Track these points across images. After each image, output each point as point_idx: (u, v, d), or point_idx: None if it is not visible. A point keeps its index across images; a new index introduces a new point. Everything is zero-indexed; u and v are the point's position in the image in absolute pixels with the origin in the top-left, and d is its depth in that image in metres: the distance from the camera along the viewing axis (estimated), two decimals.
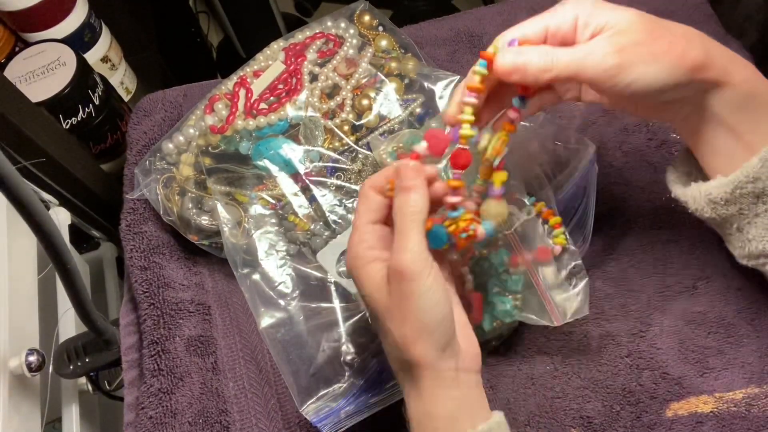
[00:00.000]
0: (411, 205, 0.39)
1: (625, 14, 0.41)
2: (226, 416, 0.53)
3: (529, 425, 0.52)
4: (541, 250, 0.53)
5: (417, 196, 0.40)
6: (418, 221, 0.39)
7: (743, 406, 0.50)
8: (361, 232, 0.42)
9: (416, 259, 0.38)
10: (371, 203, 0.42)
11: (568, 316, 0.51)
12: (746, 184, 0.42)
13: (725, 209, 0.44)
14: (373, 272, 0.40)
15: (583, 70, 0.40)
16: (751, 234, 0.45)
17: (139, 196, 0.61)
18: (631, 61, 0.39)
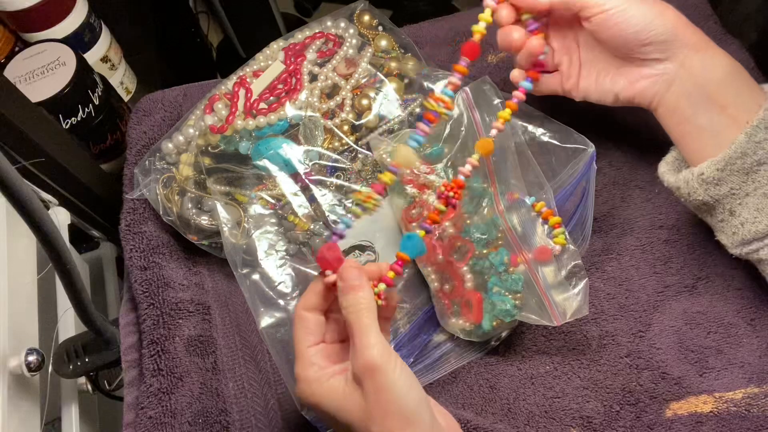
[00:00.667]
0: (362, 303, 0.40)
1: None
2: (226, 416, 0.53)
3: (529, 425, 0.52)
4: (541, 250, 0.53)
5: (365, 293, 0.41)
6: (372, 316, 0.40)
7: (743, 406, 0.50)
8: (306, 356, 0.42)
9: (382, 351, 0.38)
10: (309, 325, 0.43)
11: (568, 316, 0.51)
12: (735, 160, 0.44)
13: (717, 189, 0.46)
14: (335, 386, 0.40)
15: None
16: (743, 216, 0.46)
17: (139, 196, 0.61)
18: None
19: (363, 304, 0.40)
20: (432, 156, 0.58)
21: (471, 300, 0.53)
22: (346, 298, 0.41)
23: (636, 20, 0.45)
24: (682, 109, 0.47)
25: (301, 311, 0.43)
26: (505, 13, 0.50)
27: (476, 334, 0.54)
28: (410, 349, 0.55)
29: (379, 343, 0.39)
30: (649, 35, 0.46)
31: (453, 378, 0.55)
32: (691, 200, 0.48)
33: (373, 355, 0.38)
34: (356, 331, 0.40)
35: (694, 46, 0.46)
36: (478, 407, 0.53)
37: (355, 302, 0.40)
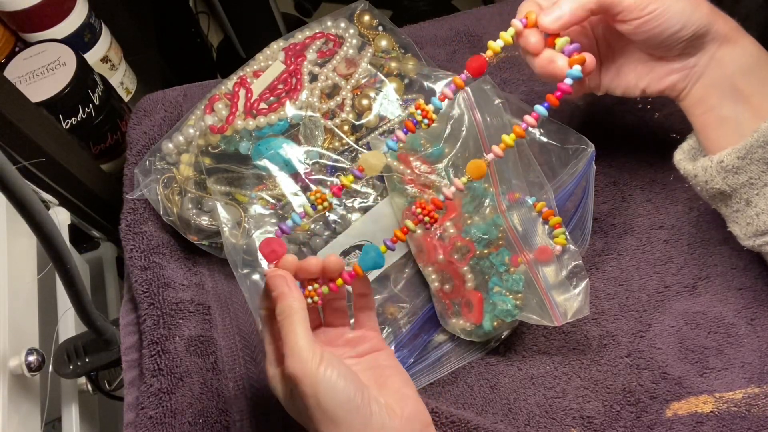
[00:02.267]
0: (285, 310, 0.40)
1: None
2: (226, 416, 0.53)
3: (529, 425, 0.52)
4: (542, 251, 0.53)
5: (289, 301, 0.41)
6: (296, 320, 0.40)
7: (743, 406, 0.50)
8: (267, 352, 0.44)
9: (300, 357, 0.38)
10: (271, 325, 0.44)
11: (569, 317, 0.51)
12: (757, 149, 0.43)
13: (736, 178, 0.45)
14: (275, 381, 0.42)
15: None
16: (760, 206, 0.45)
17: (139, 196, 0.61)
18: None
19: (289, 310, 0.40)
20: (432, 156, 0.58)
21: (472, 300, 0.53)
22: (277, 306, 0.41)
23: (676, 19, 0.44)
24: (708, 100, 0.47)
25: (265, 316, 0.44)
26: (535, 41, 0.46)
27: (477, 334, 0.54)
28: (411, 349, 0.55)
29: (297, 347, 0.39)
30: (688, 32, 0.44)
31: (453, 378, 0.55)
32: (708, 188, 0.47)
33: (290, 363, 0.39)
34: (284, 338, 0.40)
35: (725, 36, 0.45)
36: (478, 407, 0.53)
37: (282, 310, 0.41)
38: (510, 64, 0.70)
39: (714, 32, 0.45)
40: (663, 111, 0.64)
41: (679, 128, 0.63)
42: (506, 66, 0.70)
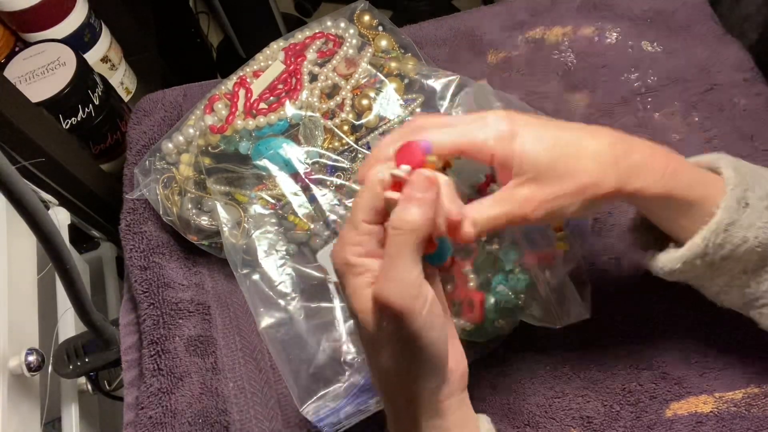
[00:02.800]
0: (408, 221, 0.32)
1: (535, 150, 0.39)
2: (226, 416, 0.53)
3: (529, 425, 0.52)
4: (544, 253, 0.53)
5: (419, 212, 0.33)
6: (411, 243, 0.33)
7: (743, 406, 0.50)
8: (358, 230, 0.35)
9: (406, 291, 0.32)
10: (376, 199, 0.35)
11: (570, 319, 0.51)
12: (695, 259, 0.42)
13: (683, 275, 0.44)
14: (360, 288, 0.34)
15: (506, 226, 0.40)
16: (714, 290, 0.45)
17: (139, 196, 0.61)
18: (547, 211, 0.39)
19: (409, 223, 0.32)
20: None
21: (473, 300, 0.53)
22: (398, 210, 0.33)
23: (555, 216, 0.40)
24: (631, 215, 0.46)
25: (376, 182, 0.35)
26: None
27: (477, 335, 0.53)
28: None
29: (404, 279, 0.32)
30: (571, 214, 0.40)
31: None
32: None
33: (393, 293, 0.32)
34: (388, 252, 0.33)
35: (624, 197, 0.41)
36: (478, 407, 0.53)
37: (402, 218, 0.33)
38: (510, 64, 0.70)
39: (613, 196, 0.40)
40: (663, 111, 0.64)
41: (679, 128, 0.63)
42: (506, 66, 0.70)
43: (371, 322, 0.34)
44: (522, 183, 0.39)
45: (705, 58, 0.66)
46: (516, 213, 0.39)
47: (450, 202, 0.36)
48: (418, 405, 0.36)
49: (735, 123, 0.62)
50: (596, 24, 0.70)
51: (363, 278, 0.34)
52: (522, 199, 0.39)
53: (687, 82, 0.65)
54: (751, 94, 0.64)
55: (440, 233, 0.35)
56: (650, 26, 0.69)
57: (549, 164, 0.38)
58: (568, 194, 0.39)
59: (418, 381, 0.35)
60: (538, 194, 0.39)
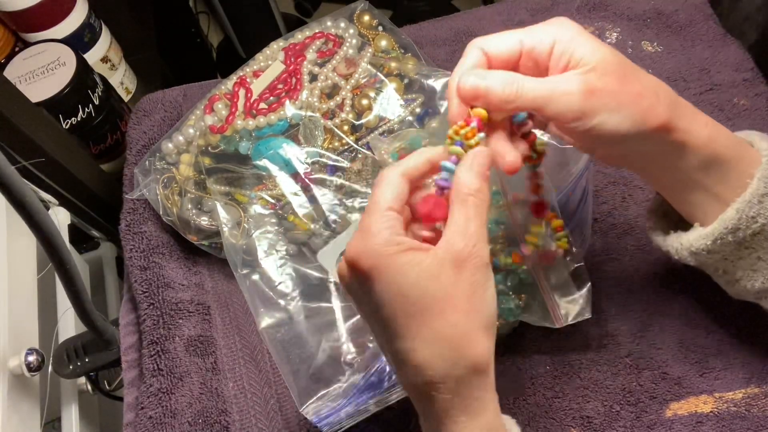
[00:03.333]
0: (481, 191, 0.36)
1: (601, 51, 0.38)
2: (226, 416, 0.53)
3: (529, 425, 0.52)
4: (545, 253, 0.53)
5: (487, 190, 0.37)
6: (484, 210, 0.36)
7: (743, 406, 0.50)
8: (386, 217, 0.36)
9: (479, 250, 0.35)
10: (398, 189, 0.37)
11: (570, 319, 0.50)
12: (726, 235, 0.41)
13: (708, 257, 0.43)
14: (416, 260, 0.35)
15: (548, 106, 0.38)
16: (738, 275, 0.44)
17: (139, 196, 0.61)
18: (596, 106, 0.38)
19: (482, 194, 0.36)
20: None
21: None
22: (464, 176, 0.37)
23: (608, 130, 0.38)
24: (662, 185, 0.44)
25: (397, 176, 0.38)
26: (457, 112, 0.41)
27: None
28: None
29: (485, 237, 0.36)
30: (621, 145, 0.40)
31: None
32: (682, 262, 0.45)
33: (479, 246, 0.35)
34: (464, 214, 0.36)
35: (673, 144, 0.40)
36: None
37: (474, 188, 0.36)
38: None
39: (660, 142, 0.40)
40: None
41: None
42: None
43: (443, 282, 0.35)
44: (582, 72, 0.38)
45: (705, 58, 0.66)
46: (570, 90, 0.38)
47: None
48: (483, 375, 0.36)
49: (735, 123, 0.62)
50: (596, 24, 0.70)
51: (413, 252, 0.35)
52: (580, 80, 0.38)
53: (687, 82, 0.65)
54: (751, 94, 0.64)
55: None
56: (650, 26, 0.69)
57: (613, 62, 0.38)
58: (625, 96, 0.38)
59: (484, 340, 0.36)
60: (595, 82, 0.38)
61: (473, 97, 0.39)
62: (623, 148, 0.41)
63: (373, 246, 0.35)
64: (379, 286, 0.35)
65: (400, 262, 0.35)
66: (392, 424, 0.52)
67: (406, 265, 0.35)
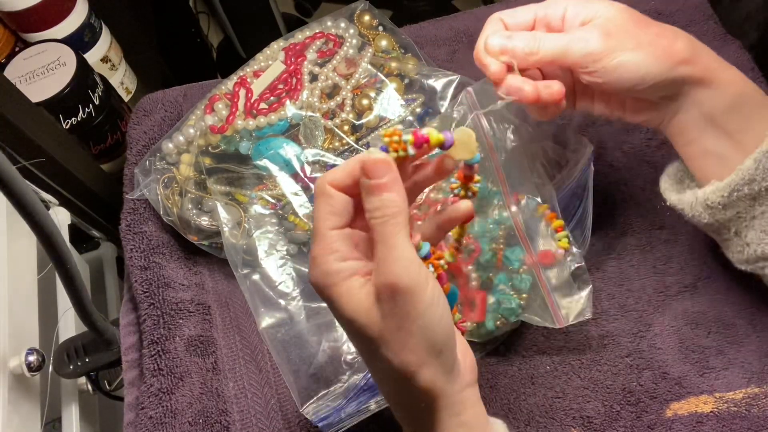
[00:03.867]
0: (390, 207, 0.33)
1: (614, 5, 0.42)
2: (226, 416, 0.53)
3: (529, 425, 0.52)
4: (545, 253, 0.53)
5: (394, 195, 0.33)
6: (401, 224, 0.33)
7: (743, 406, 0.50)
8: (328, 240, 0.34)
9: (411, 269, 0.32)
10: (335, 204, 0.35)
11: (571, 319, 0.51)
12: (742, 186, 0.42)
13: (723, 213, 0.44)
14: (354, 290, 0.34)
15: (569, 52, 0.42)
16: (749, 237, 0.44)
17: (139, 196, 0.61)
18: (616, 46, 0.40)
19: (391, 209, 0.33)
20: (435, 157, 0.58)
21: (475, 299, 0.53)
22: (372, 199, 0.33)
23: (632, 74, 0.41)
24: (688, 133, 0.45)
25: (326, 186, 0.35)
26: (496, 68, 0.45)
27: (478, 335, 0.54)
28: None
29: (407, 257, 0.32)
30: (646, 85, 0.42)
31: None
32: (695, 221, 0.46)
33: (398, 272, 0.32)
34: (380, 240, 0.33)
35: (699, 80, 0.42)
36: None
37: (384, 205, 0.33)
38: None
39: (685, 78, 0.42)
40: None
41: None
42: None
43: (373, 318, 0.33)
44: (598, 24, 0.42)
45: None
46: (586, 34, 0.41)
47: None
48: (436, 401, 0.35)
49: None
50: None
51: (354, 279, 0.34)
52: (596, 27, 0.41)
53: None
54: None
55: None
56: None
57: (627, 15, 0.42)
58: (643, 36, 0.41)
59: (431, 368, 0.34)
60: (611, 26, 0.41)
61: (500, 53, 0.44)
62: (650, 92, 0.43)
63: (317, 276, 0.34)
64: (332, 309, 0.35)
65: (341, 291, 0.34)
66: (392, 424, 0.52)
67: (346, 296, 0.34)
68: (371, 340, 0.34)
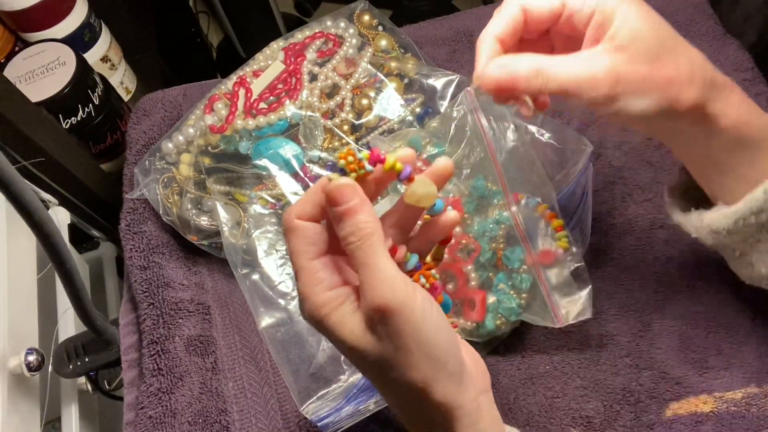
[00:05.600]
0: (363, 229, 0.33)
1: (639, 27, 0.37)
2: (226, 416, 0.53)
3: (529, 425, 0.52)
4: (544, 253, 0.53)
5: (364, 216, 0.33)
6: (378, 243, 0.33)
7: (743, 405, 0.50)
8: (309, 271, 0.34)
9: (396, 286, 0.32)
10: (308, 235, 0.35)
11: (571, 319, 0.51)
12: (750, 216, 0.41)
13: (728, 238, 0.43)
14: (347, 317, 0.33)
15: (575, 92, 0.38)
16: (754, 258, 0.43)
17: (139, 196, 0.61)
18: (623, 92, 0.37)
19: (365, 230, 0.33)
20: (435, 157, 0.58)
21: (475, 298, 0.53)
22: (344, 225, 0.33)
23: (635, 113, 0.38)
24: (691, 159, 0.44)
25: (295, 221, 0.35)
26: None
27: (478, 334, 0.54)
28: None
29: (389, 276, 0.32)
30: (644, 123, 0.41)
31: None
32: (700, 241, 0.45)
33: (383, 294, 0.31)
34: (359, 264, 0.32)
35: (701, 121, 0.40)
36: None
37: (356, 229, 0.33)
38: None
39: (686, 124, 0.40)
40: None
41: None
42: None
43: (370, 341, 0.33)
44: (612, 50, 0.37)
45: None
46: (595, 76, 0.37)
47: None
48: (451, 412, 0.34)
49: None
50: None
51: (345, 306, 0.34)
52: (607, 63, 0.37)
53: None
54: (751, 94, 0.63)
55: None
56: None
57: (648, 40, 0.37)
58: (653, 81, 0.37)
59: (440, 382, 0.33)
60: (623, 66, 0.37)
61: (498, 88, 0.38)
62: (651, 126, 0.42)
63: (309, 311, 0.34)
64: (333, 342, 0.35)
65: (335, 321, 0.33)
66: (392, 424, 0.52)
67: (340, 325, 0.33)
68: (374, 365, 0.33)
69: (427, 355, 0.33)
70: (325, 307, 0.33)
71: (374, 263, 0.32)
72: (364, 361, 0.34)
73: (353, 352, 0.33)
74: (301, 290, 0.34)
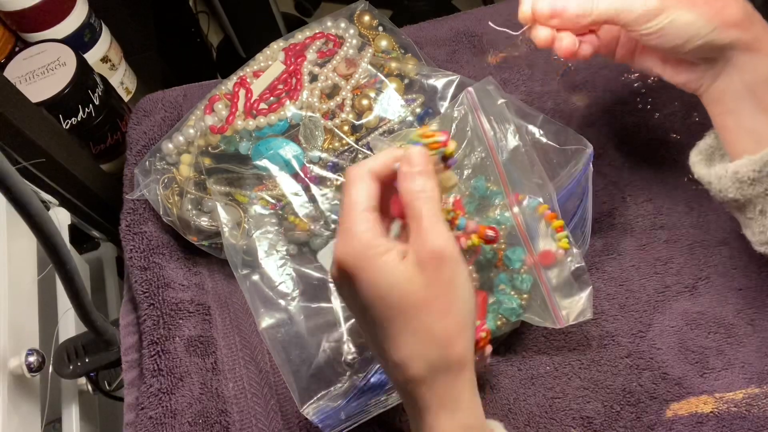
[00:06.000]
0: (432, 189, 0.36)
1: None
2: (226, 416, 0.53)
3: (529, 425, 0.52)
4: (545, 254, 0.53)
5: (433, 180, 0.37)
6: (438, 207, 0.36)
7: (743, 406, 0.50)
8: (364, 218, 0.36)
9: (452, 242, 0.35)
10: (372, 188, 0.37)
11: (571, 319, 0.50)
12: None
13: (751, 189, 0.43)
14: (392, 262, 0.35)
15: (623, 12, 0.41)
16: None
17: (139, 197, 0.61)
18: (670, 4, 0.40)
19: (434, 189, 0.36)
20: None
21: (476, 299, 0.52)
22: (414, 182, 0.36)
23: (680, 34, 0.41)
24: (725, 101, 0.45)
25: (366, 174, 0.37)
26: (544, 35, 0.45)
27: None
28: None
29: (449, 233, 0.35)
30: (693, 45, 0.42)
31: None
32: (722, 196, 0.46)
33: (444, 244, 0.35)
34: (424, 216, 0.36)
35: (745, 46, 0.42)
36: None
37: (426, 186, 0.36)
38: (510, 65, 0.70)
39: (732, 42, 0.42)
40: (663, 111, 0.64)
41: (679, 128, 0.63)
42: (506, 66, 0.70)
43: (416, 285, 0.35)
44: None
45: None
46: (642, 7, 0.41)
47: None
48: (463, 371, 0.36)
49: None
50: None
51: (392, 253, 0.35)
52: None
53: None
54: None
55: None
56: None
57: None
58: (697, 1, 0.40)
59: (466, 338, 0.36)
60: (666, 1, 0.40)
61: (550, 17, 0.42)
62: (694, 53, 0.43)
63: (355, 248, 0.36)
64: (362, 287, 0.36)
65: (379, 264, 0.35)
66: (392, 423, 0.52)
67: (385, 268, 0.35)
68: (410, 308, 0.35)
69: (465, 309, 0.36)
70: (374, 249, 0.35)
71: (437, 215, 0.36)
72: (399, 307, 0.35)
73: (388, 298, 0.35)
74: (349, 229, 0.36)
